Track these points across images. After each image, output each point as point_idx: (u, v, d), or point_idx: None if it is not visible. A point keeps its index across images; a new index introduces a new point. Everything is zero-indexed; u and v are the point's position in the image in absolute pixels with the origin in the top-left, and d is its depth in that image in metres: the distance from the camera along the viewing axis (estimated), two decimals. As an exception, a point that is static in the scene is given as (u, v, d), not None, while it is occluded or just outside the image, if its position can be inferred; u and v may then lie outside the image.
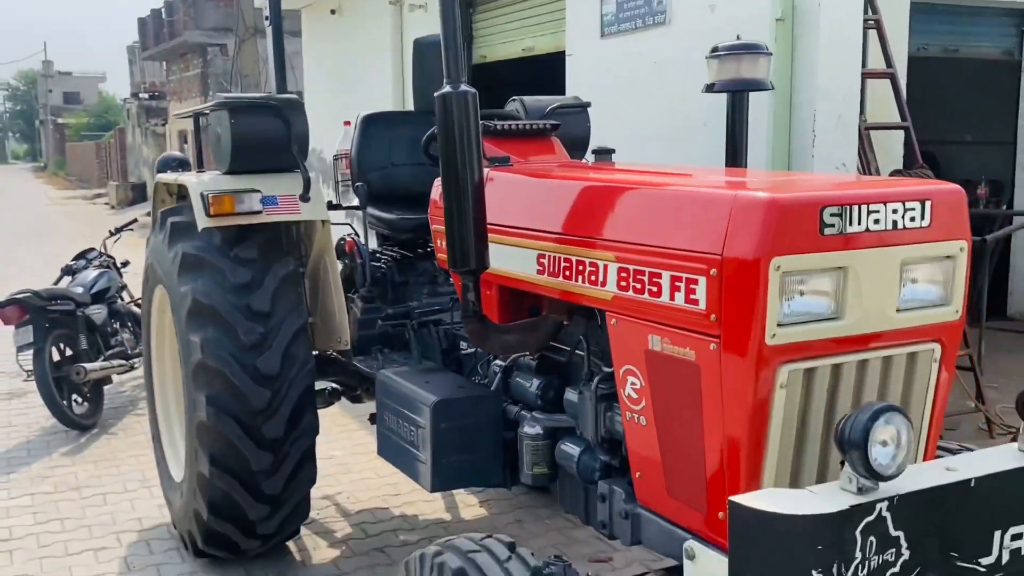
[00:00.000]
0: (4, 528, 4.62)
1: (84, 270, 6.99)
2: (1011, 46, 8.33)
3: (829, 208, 2.08)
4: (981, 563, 2.05)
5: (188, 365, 3.66)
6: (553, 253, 2.73)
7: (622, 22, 6.45)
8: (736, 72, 3.14)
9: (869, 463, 1.85)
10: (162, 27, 25.10)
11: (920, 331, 2.28)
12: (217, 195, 3.64)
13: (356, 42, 11.23)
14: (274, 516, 3.81)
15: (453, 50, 2.64)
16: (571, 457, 2.78)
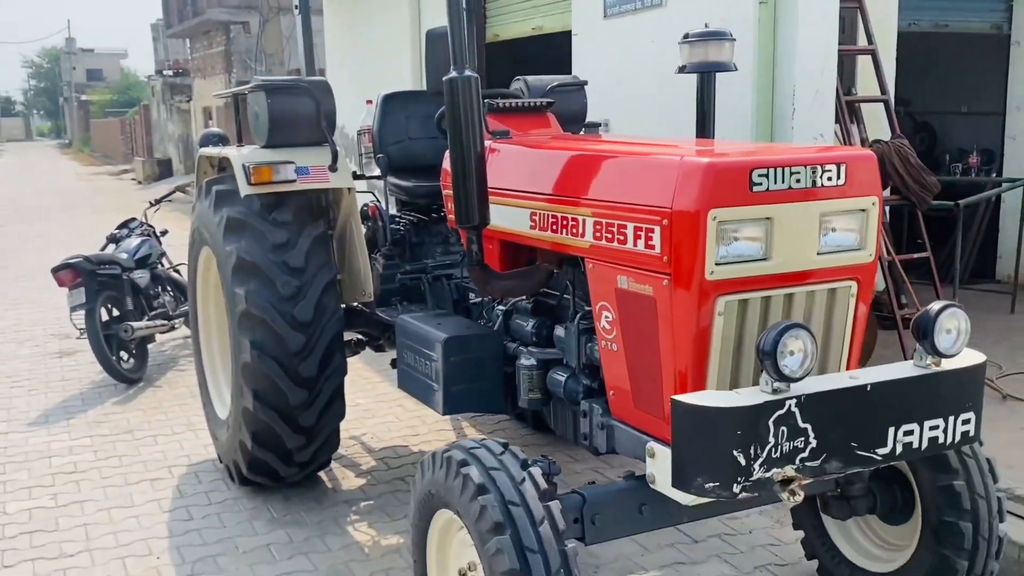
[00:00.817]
0: (70, 463, 5.22)
1: (127, 238, 7.58)
2: (1000, 20, 8.67)
3: (757, 170, 2.59)
4: (878, 452, 2.57)
5: (234, 314, 4.21)
6: (543, 211, 3.26)
7: (623, 4, 6.91)
8: (704, 56, 3.63)
9: (779, 368, 2.38)
10: (185, 5, 25.58)
11: (838, 271, 2.79)
12: (257, 166, 4.18)
13: (376, 24, 11.70)
14: (309, 446, 4.37)
15: (459, 41, 3.14)
16: (559, 383, 3.32)
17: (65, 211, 20.16)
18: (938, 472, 3.12)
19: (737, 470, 2.37)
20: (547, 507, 2.57)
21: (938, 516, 3.13)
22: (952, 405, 2.65)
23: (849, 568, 3.50)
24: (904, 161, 6.04)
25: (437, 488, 2.80)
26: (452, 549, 2.92)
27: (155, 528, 4.36)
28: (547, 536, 2.52)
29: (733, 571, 3.83)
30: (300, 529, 4.29)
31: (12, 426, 5.90)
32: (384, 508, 4.49)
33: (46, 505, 4.66)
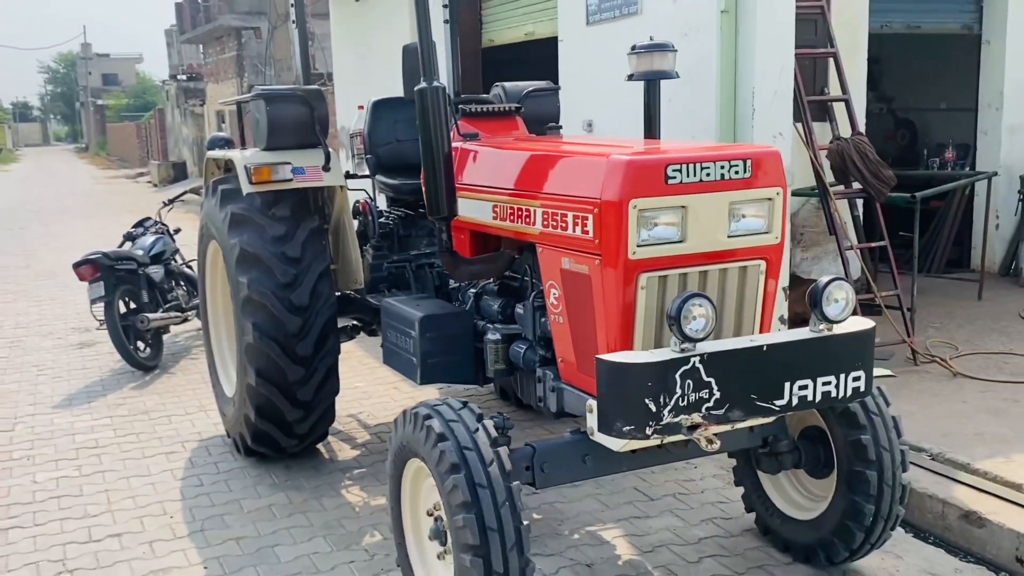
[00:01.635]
0: (92, 439, 5.73)
1: (143, 236, 8.10)
2: (971, 21, 9.06)
3: (672, 166, 3.05)
4: (776, 403, 3.03)
5: (238, 300, 4.70)
6: (504, 204, 3.73)
7: (603, 12, 7.37)
8: (650, 65, 4.09)
9: (683, 330, 2.84)
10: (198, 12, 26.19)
11: (748, 252, 3.24)
12: (257, 167, 4.67)
13: (378, 28, 12.20)
14: (307, 419, 4.85)
15: (427, 56, 3.63)
16: (519, 354, 3.80)
17: (84, 213, 20.76)
18: (849, 428, 3.57)
19: (649, 416, 2.83)
20: (496, 452, 3.04)
21: (849, 466, 3.58)
22: (843, 364, 3.10)
23: (780, 518, 3.96)
24: (863, 156, 6.46)
25: (407, 440, 3.28)
26: (422, 494, 3.39)
27: (169, 493, 4.86)
28: (495, 475, 2.98)
29: (682, 523, 4.29)
30: (299, 493, 4.78)
31: (39, 408, 6.42)
32: (375, 475, 4.97)
33: (71, 475, 5.16)
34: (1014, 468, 4.48)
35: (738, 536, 4.14)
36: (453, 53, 5.48)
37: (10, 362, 7.73)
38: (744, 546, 4.05)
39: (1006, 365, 6.14)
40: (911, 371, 6.09)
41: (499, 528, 2.92)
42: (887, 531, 3.64)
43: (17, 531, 4.46)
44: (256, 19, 22.11)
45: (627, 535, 4.19)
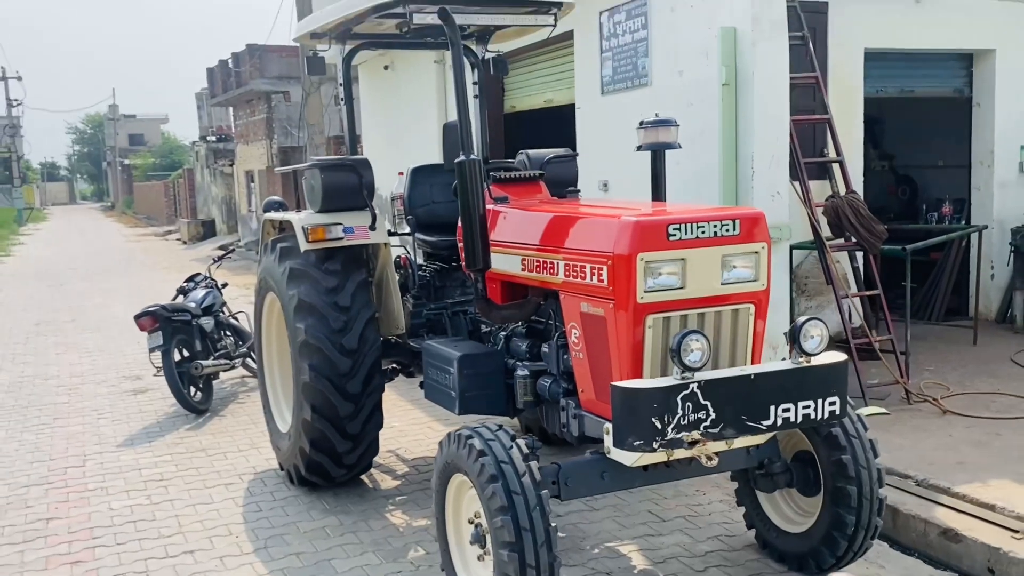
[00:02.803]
0: (157, 473, 6.33)
1: (194, 290, 8.78)
2: (961, 85, 9.70)
3: (672, 225, 3.67)
4: (763, 423, 3.60)
5: (295, 344, 5.32)
6: (531, 257, 4.36)
7: (616, 83, 8.07)
8: (655, 137, 4.73)
9: (683, 361, 3.43)
10: (229, 76, 27.29)
11: (739, 297, 3.84)
12: (313, 227, 5.32)
13: (406, 94, 13.01)
14: (355, 450, 5.44)
15: (466, 132, 4.28)
16: (545, 387, 4.40)
17: (119, 270, 21.59)
18: (832, 449, 4.13)
19: (655, 432, 3.41)
20: (528, 464, 3.61)
21: (832, 483, 4.14)
22: (820, 391, 3.67)
23: (776, 532, 4.50)
24: (856, 212, 7.07)
25: (451, 458, 3.86)
26: (463, 504, 3.96)
27: (232, 517, 5.44)
28: (528, 484, 3.56)
29: (690, 540, 4.83)
30: (348, 516, 5.35)
31: (104, 447, 7.03)
32: (415, 501, 5.54)
33: (142, 503, 5.76)
34: (990, 491, 5.00)
35: (740, 550, 4.68)
36: (482, 124, 6.13)
37: (71, 407, 8.37)
38: (745, 558, 4.58)
39: (993, 403, 6.66)
40: (904, 409, 6.61)
41: (531, 528, 3.49)
42: (867, 540, 4.16)
43: (102, 549, 5.05)
44: (285, 83, 23.13)
45: (641, 550, 4.74)
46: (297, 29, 6.15)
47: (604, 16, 8.14)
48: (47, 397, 8.78)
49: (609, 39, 8.11)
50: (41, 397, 8.79)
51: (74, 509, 5.71)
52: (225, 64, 28.13)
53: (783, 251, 6.77)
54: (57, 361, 10.64)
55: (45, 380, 9.56)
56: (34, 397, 8.80)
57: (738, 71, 6.55)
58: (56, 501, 5.86)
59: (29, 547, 5.13)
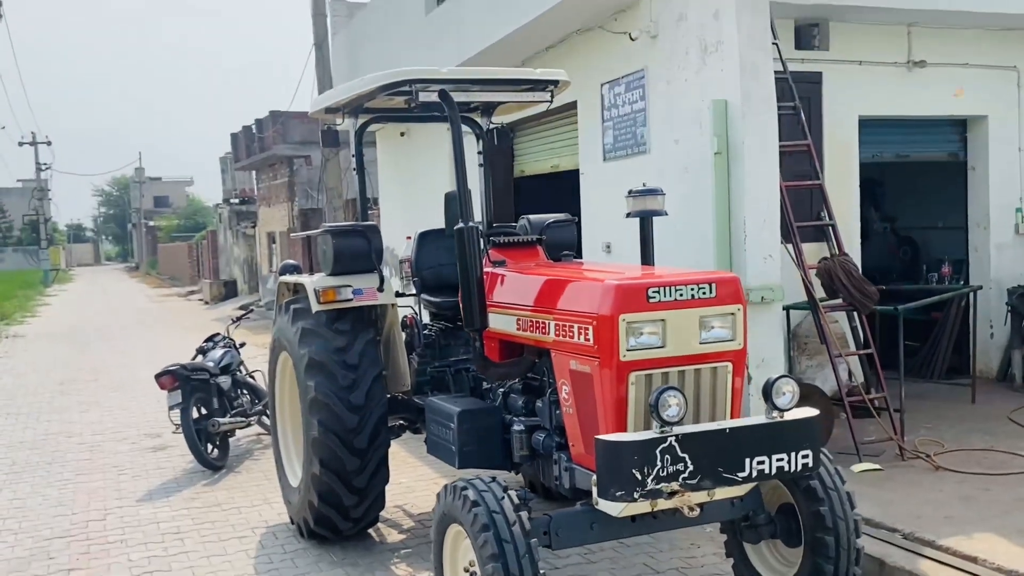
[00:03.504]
0: (174, 527, 6.58)
1: (213, 349, 9.10)
2: (956, 149, 10.00)
3: (652, 288, 3.95)
4: (739, 475, 3.83)
5: (305, 401, 5.60)
6: (525, 318, 4.64)
7: (617, 150, 8.43)
8: (643, 205, 5.04)
9: (661, 416, 3.68)
10: (252, 141, 28.04)
11: (717, 355, 4.10)
12: (325, 289, 5.64)
13: (420, 160, 13.46)
14: (361, 504, 5.67)
15: (465, 201, 4.61)
16: (539, 441, 4.65)
17: (142, 329, 22.01)
18: (811, 501, 4.34)
19: (635, 483, 3.64)
20: (519, 514, 3.85)
21: (812, 533, 4.34)
22: (793, 444, 3.90)
23: (761, 581, 4.68)
24: (847, 274, 7.32)
25: (448, 508, 4.10)
26: (459, 554, 4.19)
27: (244, 569, 5.67)
28: (518, 533, 3.79)
29: (682, 590, 5.01)
30: (355, 568, 5.57)
31: (124, 502, 7.30)
32: (419, 554, 5.75)
33: (159, 555, 6.00)
34: (974, 544, 5.17)
35: (729, 600, 4.85)
36: (487, 190, 6.48)
37: (93, 463, 8.66)
38: (733, 607, 4.75)
39: (985, 460, 6.81)
40: (897, 465, 6.78)
41: (520, 575, 3.71)
42: (846, 589, 4.34)
43: (119, 597, 5.29)
44: (307, 148, 23.76)
45: (634, 599, 4.92)
46: (313, 105, 6.55)
47: (605, 88, 8.54)
48: (70, 454, 9.07)
49: (610, 109, 8.48)
50: (64, 454, 9.08)
51: (95, 560, 5.96)
52: (249, 129, 28.91)
53: (776, 311, 7.02)
54: (80, 419, 10.95)
55: (68, 437, 9.86)
56: (58, 454, 9.09)
57: (729, 140, 6.87)
58: (78, 553, 6.11)
59: (51, 596, 5.38)
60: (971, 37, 9.15)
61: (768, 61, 6.94)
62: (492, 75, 5.49)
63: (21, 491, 7.73)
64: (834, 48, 8.46)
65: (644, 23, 7.92)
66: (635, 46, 8.04)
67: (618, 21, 8.34)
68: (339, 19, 16.62)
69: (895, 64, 8.94)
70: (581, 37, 8.93)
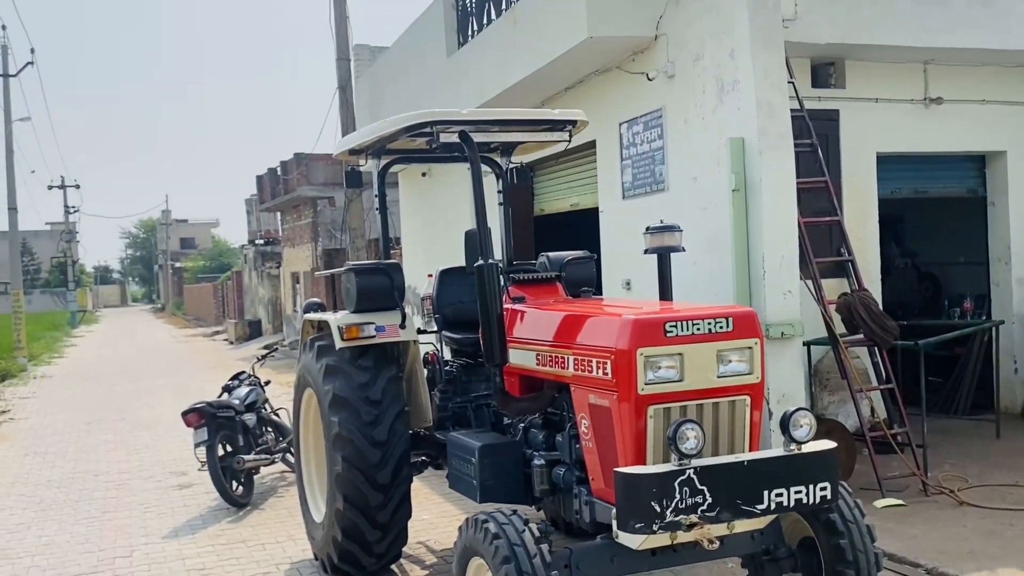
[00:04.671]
0: (200, 563, 6.65)
1: (238, 387, 9.21)
2: (975, 185, 10.03)
3: (669, 322, 4.01)
4: (757, 507, 3.86)
5: (329, 437, 5.68)
6: (545, 353, 4.71)
7: (636, 188, 8.53)
8: (661, 242, 5.11)
9: (679, 448, 3.73)
10: (277, 183, 28.42)
11: (735, 389, 4.14)
12: (348, 326, 5.74)
13: (442, 199, 13.64)
14: (385, 539, 5.71)
15: (485, 239, 4.71)
16: (559, 476, 4.69)
17: (167, 370, 22.21)
18: (831, 535, 4.35)
19: (654, 515, 3.68)
20: (539, 547, 3.89)
21: (832, 567, 4.34)
22: (811, 476, 3.93)
23: (783, 616, 4.67)
24: (867, 309, 7.35)
25: (470, 542, 4.15)
26: (481, 586, 4.23)
27: (268, 603, 5.72)
28: (538, 566, 3.83)
29: (703, 625, 5.01)
30: (377, 603, 5.61)
31: (150, 539, 7.38)
32: (442, 589, 5.79)
33: (185, 591, 6.07)
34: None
35: (751, 635, 4.84)
36: (507, 228, 6.59)
37: (120, 501, 8.75)
38: (755, 642, 4.74)
39: (1010, 495, 6.78)
40: (921, 501, 6.76)
41: (542, 606, 3.74)
42: (868, 622, 4.33)
43: (146, 632, 5.35)
44: (330, 189, 24.06)
45: (656, 635, 4.92)
46: (337, 147, 6.70)
47: (623, 127, 8.66)
48: (97, 492, 9.18)
49: (628, 148, 8.60)
50: (91, 492, 9.18)
51: (120, 596, 6.03)
52: (274, 171, 29.31)
53: (796, 347, 7.05)
54: (107, 458, 11.07)
55: (95, 476, 9.98)
56: (84, 492, 9.20)
57: (747, 178, 6.96)
58: (104, 589, 6.19)
59: (78, 631, 5.44)
60: (988, 74, 9.23)
61: (784, 99, 7.04)
62: (511, 116, 5.62)
63: (49, 529, 7.82)
64: (851, 86, 8.57)
65: (661, 63, 8.06)
66: (653, 86, 8.18)
67: (635, 61, 8.48)
68: (362, 62, 16.93)
69: (912, 101, 9.03)
70: (599, 78, 9.08)
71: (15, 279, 26.13)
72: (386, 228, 6.51)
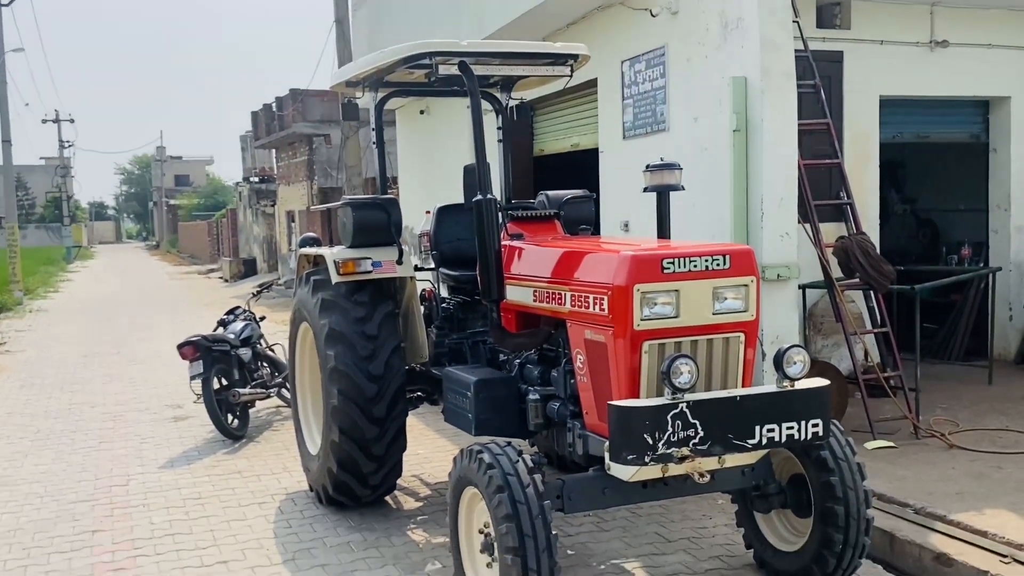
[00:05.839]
0: (195, 492, 6.72)
1: (233, 322, 9.22)
2: (978, 131, 9.95)
3: (666, 259, 4.00)
4: (748, 442, 3.89)
5: (325, 370, 5.69)
6: (542, 289, 4.71)
7: (637, 128, 8.45)
8: (660, 180, 5.08)
9: (672, 383, 3.74)
10: (272, 119, 28.12)
11: (730, 326, 4.15)
12: (344, 261, 5.72)
13: (440, 137, 13.51)
14: (379, 471, 5.77)
15: (484, 174, 4.67)
16: (554, 410, 4.72)
17: (163, 306, 22.24)
18: (821, 472, 4.39)
19: (646, 447, 3.71)
20: (532, 477, 3.93)
21: (822, 503, 4.40)
22: (803, 413, 3.96)
23: (771, 551, 4.75)
24: (865, 253, 7.33)
25: (464, 472, 4.19)
26: (475, 516, 4.28)
27: (264, 532, 5.80)
28: (531, 495, 3.87)
29: (693, 559, 5.09)
30: (372, 533, 5.68)
31: (146, 469, 7.44)
32: (435, 521, 5.85)
33: (180, 518, 6.13)
34: (984, 519, 5.21)
35: (739, 569, 4.93)
36: (505, 166, 6.54)
37: (115, 432, 8.81)
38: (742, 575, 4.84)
39: (1000, 439, 6.84)
40: (912, 444, 6.82)
41: (534, 535, 3.80)
42: (856, 559, 4.41)
43: (143, 558, 5.43)
44: (326, 127, 23.85)
45: (645, 567, 5.01)
46: (333, 78, 6.61)
47: (625, 65, 8.55)
48: (93, 423, 9.24)
49: (630, 87, 8.50)
50: (87, 423, 9.25)
51: (118, 523, 6.10)
52: (269, 108, 29.01)
53: (792, 290, 7.04)
54: (103, 390, 11.13)
55: (91, 407, 10.03)
56: (81, 423, 9.26)
57: (748, 118, 6.88)
58: (101, 515, 6.25)
59: (76, 555, 5.52)
60: (995, 17, 9.10)
61: (788, 38, 6.93)
62: (512, 48, 5.52)
63: (46, 457, 7.89)
64: (856, 27, 8.44)
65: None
66: (656, 23, 8.05)
67: (639, -2, 8.34)
68: (360, -4, 16.64)
69: (917, 44, 8.91)
70: (602, 14, 8.93)
71: (10, 213, 25.97)
72: (383, 164, 6.46)
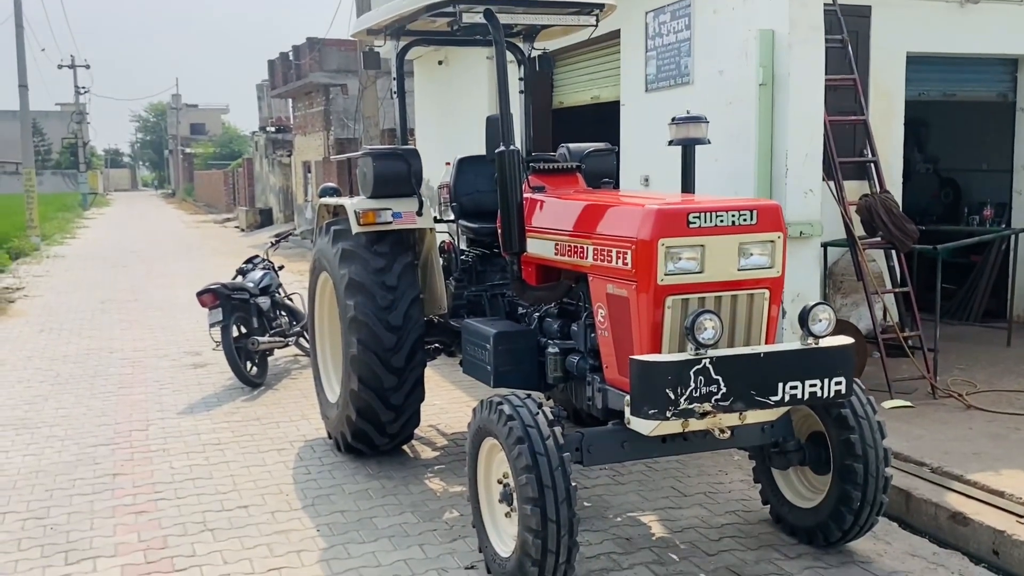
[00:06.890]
0: (215, 438, 6.79)
1: (252, 271, 9.25)
2: (1006, 89, 9.77)
3: (692, 213, 3.96)
4: (771, 399, 3.88)
5: (345, 320, 5.71)
6: (563, 243, 4.68)
7: (660, 81, 8.35)
8: (686, 133, 5.02)
9: (696, 338, 3.73)
10: (289, 68, 27.95)
11: (755, 282, 4.12)
12: (365, 211, 5.71)
13: (459, 88, 13.38)
14: (398, 420, 5.81)
15: (507, 124, 4.62)
16: (573, 364, 4.72)
17: (179, 254, 22.33)
18: (841, 429, 4.39)
19: (668, 402, 3.71)
20: (552, 429, 3.94)
21: (841, 461, 4.40)
22: (827, 370, 3.94)
23: (788, 507, 4.77)
24: (888, 211, 7.26)
25: (484, 423, 4.21)
26: (494, 466, 4.30)
27: (283, 478, 5.86)
28: (551, 446, 3.88)
29: (708, 513, 5.12)
30: (390, 480, 5.74)
31: (166, 415, 7.52)
32: (452, 470, 5.90)
33: (200, 463, 6.21)
34: (1000, 479, 5.21)
35: (755, 524, 4.96)
36: (526, 118, 6.47)
37: (135, 378, 8.90)
38: (759, 531, 4.86)
39: (1017, 400, 6.82)
40: (929, 403, 6.81)
41: (553, 486, 3.81)
42: (873, 516, 4.42)
43: (164, 502, 5.50)
44: (343, 76, 23.69)
45: (661, 520, 5.05)
46: (355, 25, 6.54)
47: (650, 16, 8.42)
48: (112, 368, 9.32)
49: (654, 38, 8.38)
50: (106, 368, 9.33)
51: (138, 467, 6.18)
52: (285, 56, 28.82)
53: (815, 247, 7.00)
54: (121, 336, 11.21)
55: (110, 353, 10.12)
56: (100, 368, 9.34)
57: (775, 72, 6.78)
58: (122, 459, 6.33)
59: (98, 498, 5.60)
60: (1028, -27, 8.89)
61: (817, -9, 6.80)
62: (537, -3, 5.43)
63: (66, 401, 7.98)
64: (885, -19, 8.27)
65: (692, -51, 7.77)
66: (681, -26, 7.91)
67: (665, -53, 8.18)
68: (379, -57, 16.41)
69: (947, 0, 8.72)
70: (626, -36, 8.77)
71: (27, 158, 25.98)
72: (404, 113, 6.40)
